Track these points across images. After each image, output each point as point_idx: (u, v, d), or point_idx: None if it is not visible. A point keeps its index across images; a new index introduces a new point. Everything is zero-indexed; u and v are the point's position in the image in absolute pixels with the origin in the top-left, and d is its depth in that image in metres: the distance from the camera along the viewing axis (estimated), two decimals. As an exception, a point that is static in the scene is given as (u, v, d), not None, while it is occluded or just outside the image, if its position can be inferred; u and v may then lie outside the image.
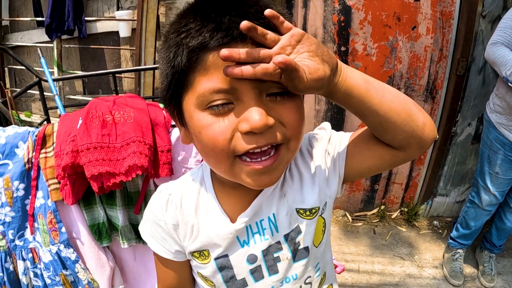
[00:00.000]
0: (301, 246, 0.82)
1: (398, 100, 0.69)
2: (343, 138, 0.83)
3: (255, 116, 0.61)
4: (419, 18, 2.51)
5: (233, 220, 0.79)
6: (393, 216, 3.14)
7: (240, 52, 0.58)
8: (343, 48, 2.64)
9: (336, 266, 2.57)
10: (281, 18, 0.61)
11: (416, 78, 2.68)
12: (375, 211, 3.18)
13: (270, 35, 0.60)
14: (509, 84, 2.01)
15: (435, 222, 3.07)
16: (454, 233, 2.60)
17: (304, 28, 2.66)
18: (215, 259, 0.81)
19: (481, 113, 2.70)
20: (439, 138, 2.83)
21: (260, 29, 0.58)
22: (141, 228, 0.89)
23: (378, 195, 3.14)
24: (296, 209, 0.80)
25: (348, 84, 0.65)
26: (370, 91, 0.66)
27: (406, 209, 3.13)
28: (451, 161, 2.93)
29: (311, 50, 0.61)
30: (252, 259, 0.80)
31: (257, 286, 0.83)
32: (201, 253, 0.82)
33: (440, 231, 3.01)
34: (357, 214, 3.19)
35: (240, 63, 0.59)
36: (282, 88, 0.64)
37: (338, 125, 2.84)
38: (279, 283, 0.83)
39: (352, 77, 0.66)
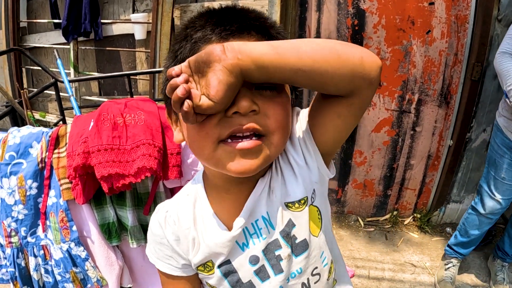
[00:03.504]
0: (298, 240, 0.81)
1: (320, 47, 0.64)
2: (301, 118, 0.80)
3: (241, 98, 0.65)
4: (433, 22, 2.49)
5: (229, 228, 0.80)
6: (405, 222, 3.11)
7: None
8: (356, 52, 2.63)
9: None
10: (176, 71, 0.62)
11: (430, 83, 2.66)
12: (387, 216, 3.15)
13: (176, 71, 0.62)
14: (508, 99, 2.01)
15: (448, 229, 3.03)
16: (451, 240, 2.54)
17: (318, 31, 2.67)
18: (218, 266, 0.82)
19: (496, 119, 2.66)
20: (453, 144, 2.80)
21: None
22: (147, 251, 0.91)
23: (391, 201, 3.12)
24: (284, 203, 0.80)
25: (254, 58, 0.62)
26: (281, 53, 0.62)
27: (418, 215, 3.09)
28: (465, 167, 2.89)
29: (203, 70, 0.62)
30: (254, 260, 0.81)
31: (264, 287, 0.82)
32: (205, 265, 0.83)
33: (453, 238, 2.97)
34: (369, 219, 3.17)
35: None
36: (271, 83, 0.69)
37: (350, 129, 2.83)
38: (286, 281, 0.83)
39: (254, 49, 0.62)
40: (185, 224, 0.83)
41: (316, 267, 0.85)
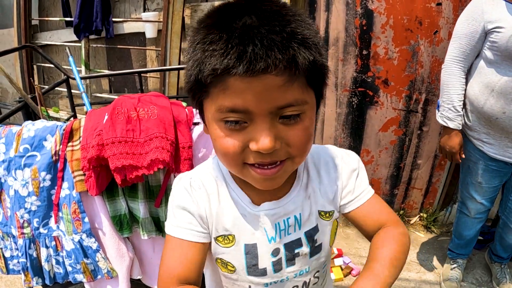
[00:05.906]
0: (317, 244, 0.88)
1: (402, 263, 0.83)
2: (362, 196, 0.89)
3: (264, 140, 0.65)
4: (441, 22, 2.50)
5: (255, 202, 0.84)
6: (411, 222, 3.12)
7: None
8: (364, 52, 2.65)
9: (352, 269, 2.58)
10: None
11: (437, 83, 2.66)
12: (393, 215, 3.16)
13: None
14: (437, 110, 2.13)
15: (454, 229, 3.04)
16: (450, 244, 2.56)
17: (327, 31, 2.69)
18: (245, 244, 0.85)
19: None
20: (460, 144, 2.80)
21: None
22: (166, 223, 0.87)
23: (397, 200, 3.13)
24: (318, 210, 0.87)
25: None
26: None
27: (425, 215, 3.10)
28: (472, 167, 2.89)
29: None
30: (276, 252, 0.86)
31: (274, 276, 0.88)
32: (225, 237, 0.85)
33: (459, 238, 2.97)
34: (375, 218, 3.17)
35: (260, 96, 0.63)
36: (297, 110, 0.66)
37: (359, 128, 2.84)
38: (293, 275, 0.89)
39: None
40: (210, 189, 0.85)
41: (318, 271, 0.93)
